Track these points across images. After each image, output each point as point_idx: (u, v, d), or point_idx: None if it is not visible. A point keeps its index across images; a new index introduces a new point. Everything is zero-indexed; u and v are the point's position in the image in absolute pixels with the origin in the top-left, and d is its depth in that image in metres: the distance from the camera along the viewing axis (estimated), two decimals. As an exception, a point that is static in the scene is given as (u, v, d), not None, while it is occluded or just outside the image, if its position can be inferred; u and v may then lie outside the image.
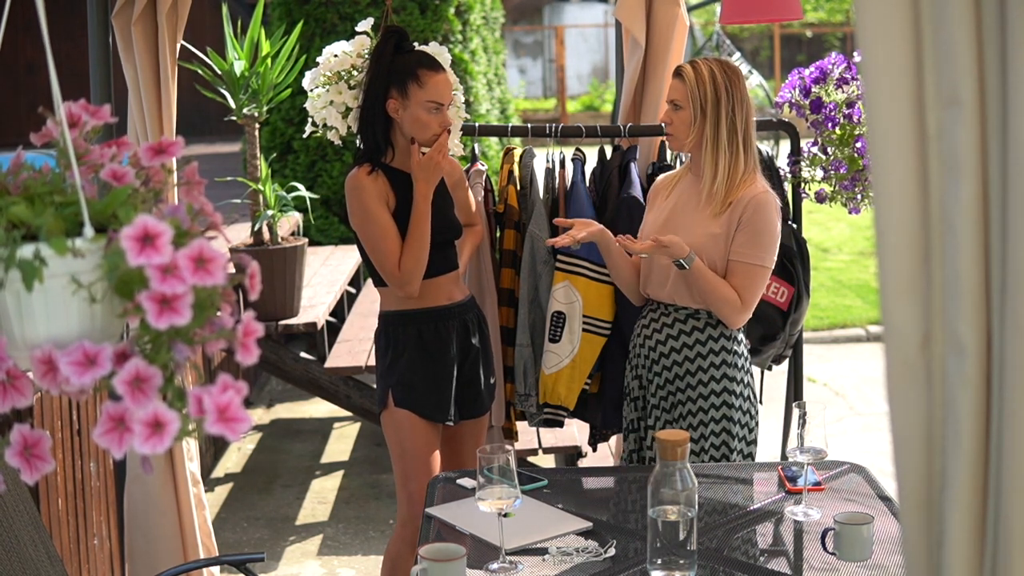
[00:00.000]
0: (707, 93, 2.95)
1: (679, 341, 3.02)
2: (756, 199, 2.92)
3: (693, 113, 2.96)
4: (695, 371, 3.00)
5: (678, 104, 3.00)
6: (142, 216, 1.06)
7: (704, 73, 2.96)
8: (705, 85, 2.95)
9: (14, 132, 10.86)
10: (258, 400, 6.57)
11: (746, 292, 2.93)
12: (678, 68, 3.03)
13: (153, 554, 3.53)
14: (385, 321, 3.17)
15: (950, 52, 1.06)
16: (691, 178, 3.07)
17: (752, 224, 2.91)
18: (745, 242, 2.92)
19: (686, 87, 2.97)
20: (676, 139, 3.04)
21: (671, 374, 3.03)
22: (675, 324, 3.03)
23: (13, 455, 1.09)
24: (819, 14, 20.04)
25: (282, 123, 7.08)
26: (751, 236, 2.91)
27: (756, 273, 2.92)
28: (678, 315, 3.02)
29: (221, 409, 1.06)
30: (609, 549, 2.39)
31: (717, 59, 3.03)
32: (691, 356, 3.01)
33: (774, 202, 2.95)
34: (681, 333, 3.02)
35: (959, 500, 1.09)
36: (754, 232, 2.91)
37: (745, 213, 2.91)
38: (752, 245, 2.92)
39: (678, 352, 3.02)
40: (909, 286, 1.11)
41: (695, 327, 3.01)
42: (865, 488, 2.72)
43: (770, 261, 2.94)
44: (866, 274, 9.19)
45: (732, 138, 2.94)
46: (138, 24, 3.27)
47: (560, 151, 3.62)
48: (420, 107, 3.01)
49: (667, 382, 3.04)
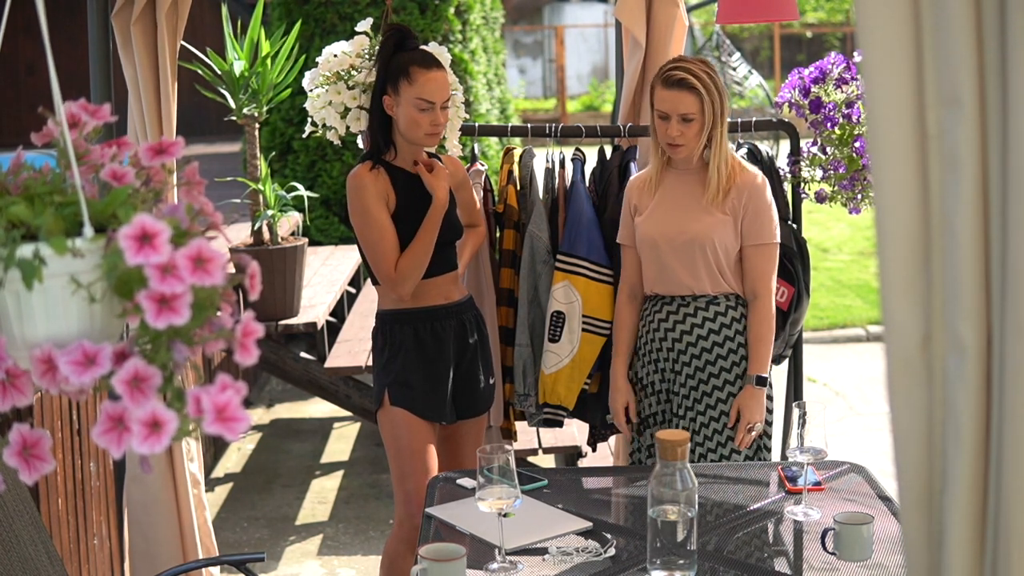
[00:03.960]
0: (717, 100, 3.00)
1: (704, 328, 3.11)
2: (753, 184, 3.07)
3: (706, 123, 3.00)
4: (726, 354, 3.10)
5: (690, 117, 2.99)
6: (140, 215, 1.06)
7: (708, 81, 2.99)
8: (714, 92, 2.99)
9: (14, 132, 10.87)
10: (258, 400, 6.57)
11: (771, 272, 3.09)
12: (679, 79, 2.97)
13: (153, 554, 3.53)
14: (382, 320, 3.17)
15: (950, 52, 1.05)
16: (676, 173, 3.13)
17: (755, 209, 3.05)
18: (754, 227, 3.06)
19: (700, 101, 2.97)
20: (686, 149, 3.03)
21: (700, 361, 3.12)
22: (697, 313, 3.11)
23: (12, 455, 1.09)
24: (819, 14, 20.04)
25: (282, 123, 7.08)
26: (757, 219, 3.06)
27: (770, 251, 3.09)
28: (698, 303, 3.11)
29: (219, 409, 1.06)
30: (609, 549, 2.39)
31: (698, 59, 3.08)
32: (719, 340, 3.11)
33: (765, 182, 3.10)
34: (705, 320, 3.11)
35: (959, 500, 1.09)
36: (758, 215, 3.06)
37: (748, 201, 3.05)
38: (762, 227, 3.07)
39: (705, 339, 3.11)
40: (909, 286, 1.11)
41: (717, 312, 3.11)
42: (865, 488, 2.72)
43: (777, 235, 3.10)
44: (866, 274, 9.19)
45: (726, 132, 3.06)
46: (138, 24, 3.27)
47: (560, 151, 3.62)
48: (411, 104, 3.00)
49: (697, 370, 3.12)
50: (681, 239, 3.07)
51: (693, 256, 3.06)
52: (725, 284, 3.10)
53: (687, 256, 3.07)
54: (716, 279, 3.08)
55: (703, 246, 3.05)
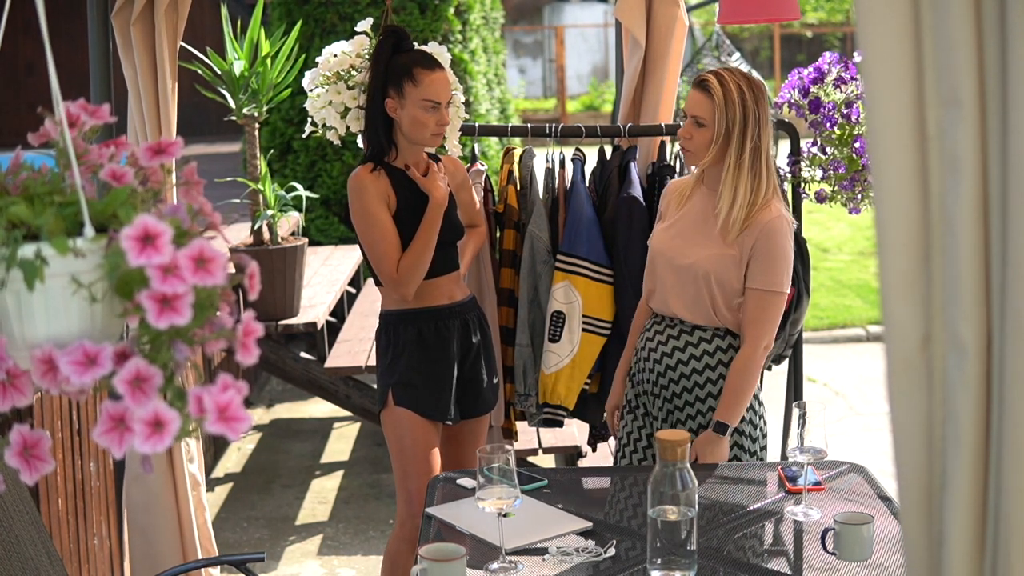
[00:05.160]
0: (735, 115, 2.79)
1: (686, 353, 2.93)
2: (769, 225, 2.81)
3: (716, 134, 2.82)
4: (703, 383, 2.92)
5: (701, 122, 2.83)
6: (142, 216, 1.06)
7: (732, 91, 2.80)
8: (734, 105, 2.79)
9: (14, 132, 10.86)
10: (258, 400, 6.57)
11: (763, 320, 2.84)
12: (703, 80, 2.84)
13: (153, 554, 3.53)
14: (386, 320, 3.18)
15: (950, 52, 1.05)
16: (704, 191, 2.95)
17: (766, 251, 2.82)
18: (759, 270, 2.83)
19: (713, 105, 2.80)
20: (693, 155, 2.89)
21: (678, 387, 2.95)
22: (681, 336, 2.94)
23: (12, 455, 1.09)
24: (819, 14, 20.04)
25: (282, 123, 7.08)
26: (765, 263, 2.82)
27: (771, 300, 2.84)
28: (684, 327, 2.93)
29: (221, 408, 1.06)
30: (609, 549, 2.39)
31: (743, 73, 2.85)
32: (699, 368, 2.92)
33: (787, 227, 2.84)
34: (688, 345, 2.93)
35: (959, 500, 1.09)
36: (768, 259, 2.82)
37: (759, 240, 2.81)
38: (767, 272, 2.83)
39: (685, 364, 2.93)
40: (909, 286, 1.11)
41: (702, 338, 2.92)
42: (865, 488, 2.72)
43: (785, 285, 2.85)
44: (866, 274, 9.19)
45: (755, 162, 2.82)
46: (137, 24, 3.27)
47: (560, 151, 3.62)
48: (416, 106, 3.01)
49: (674, 396, 2.96)
50: (679, 262, 2.90)
51: (687, 283, 2.89)
52: (717, 319, 2.90)
53: (681, 281, 2.90)
54: (707, 312, 2.89)
55: (697, 276, 2.86)
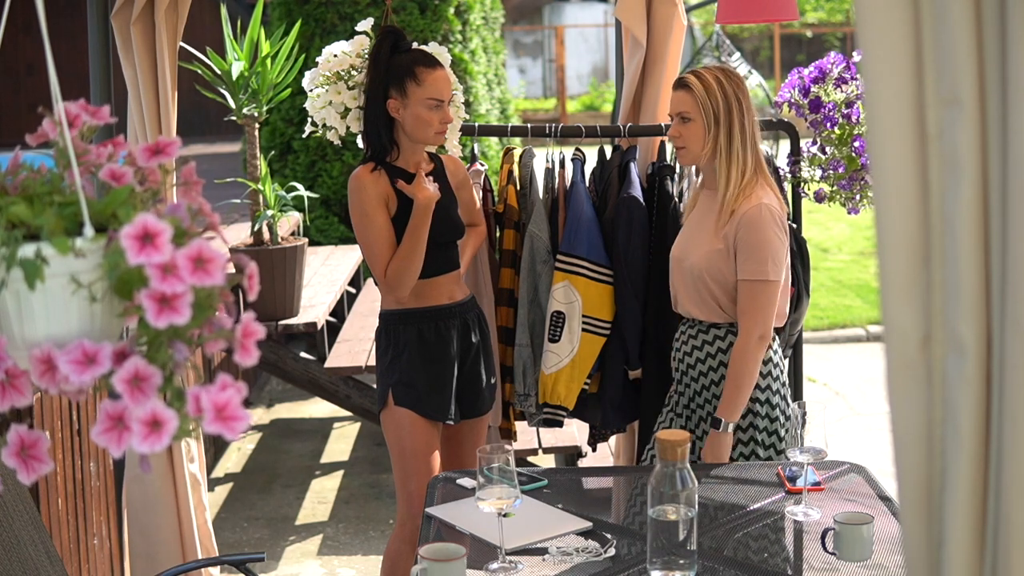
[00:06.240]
0: (718, 102, 2.91)
1: (703, 352, 3.02)
2: (747, 215, 2.88)
3: (706, 124, 2.92)
4: (719, 380, 2.98)
5: (687, 116, 2.94)
6: (142, 215, 1.06)
7: (711, 82, 2.92)
8: (715, 94, 2.91)
9: (14, 132, 10.86)
10: (258, 400, 6.57)
11: (754, 310, 2.89)
12: (680, 79, 2.97)
13: (153, 554, 3.53)
14: (385, 320, 3.17)
15: (950, 52, 1.05)
16: (706, 193, 3.05)
17: (747, 241, 2.88)
18: (744, 260, 2.89)
19: (695, 98, 2.92)
20: (689, 152, 2.98)
21: (697, 386, 3.03)
22: (699, 336, 3.02)
23: (10, 455, 1.09)
24: (819, 14, 20.04)
25: (282, 123, 7.08)
26: (747, 253, 2.88)
27: (760, 288, 2.88)
28: (700, 327, 3.02)
29: (219, 408, 1.06)
30: (609, 549, 2.39)
31: (717, 66, 2.99)
32: (714, 366, 3.00)
33: (767, 213, 2.89)
34: (704, 344, 3.01)
35: (959, 500, 1.09)
36: (749, 249, 2.88)
37: (740, 231, 2.89)
38: (750, 261, 2.88)
39: (703, 363, 3.02)
40: (909, 286, 1.11)
41: (716, 336, 2.99)
42: (865, 488, 2.72)
43: (773, 273, 2.88)
44: (866, 274, 9.19)
45: (744, 145, 2.92)
46: (137, 24, 3.27)
47: (560, 151, 3.62)
48: (420, 105, 3.01)
49: (695, 394, 3.04)
50: (685, 263, 3.00)
51: (690, 283, 2.99)
52: (726, 314, 2.97)
53: (686, 282, 3.00)
54: (713, 308, 2.97)
55: (695, 274, 2.96)
